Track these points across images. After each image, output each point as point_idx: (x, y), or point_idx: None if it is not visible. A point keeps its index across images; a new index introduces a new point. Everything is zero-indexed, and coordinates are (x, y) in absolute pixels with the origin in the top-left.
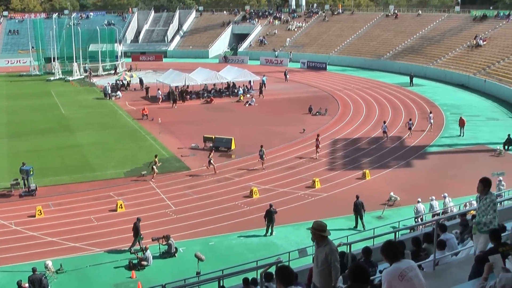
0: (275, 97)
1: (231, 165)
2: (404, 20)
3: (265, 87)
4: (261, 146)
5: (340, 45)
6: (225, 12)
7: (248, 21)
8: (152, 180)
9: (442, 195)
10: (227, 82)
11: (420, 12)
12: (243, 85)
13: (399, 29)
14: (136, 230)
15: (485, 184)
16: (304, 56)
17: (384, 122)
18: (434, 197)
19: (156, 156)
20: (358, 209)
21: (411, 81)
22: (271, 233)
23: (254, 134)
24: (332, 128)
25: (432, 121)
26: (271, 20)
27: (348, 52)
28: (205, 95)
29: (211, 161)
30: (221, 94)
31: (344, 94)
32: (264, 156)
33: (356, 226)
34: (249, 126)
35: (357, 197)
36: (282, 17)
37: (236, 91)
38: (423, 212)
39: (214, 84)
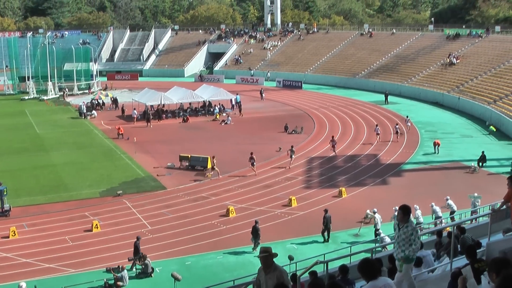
0: (251, 116)
1: (207, 184)
2: (378, 38)
3: (238, 106)
4: (292, 146)
5: (315, 64)
6: (200, 31)
7: (223, 40)
8: (289, 167)
9: (414, 206)
10: (203, 101)
11: (394, 31)
12: (219, 103)
13: (374, 47)
14: (136, 249)
15: (405, 212)
16: (279, 75)
17: (333, 137)
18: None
19: (213, 157)
20: (327, 223)
21: (386, 99)
22: (254, 250)
23: (230, 152)
24: (308, 146)
25: (409, 124)
26: (247, 39)
27: (324, 70)
28: (181, 114)
29: (214, 166)
30: (197, 113)
31: (320, 112)
32: (293, 155)
33: (327, 240)
34: (225, 144)
35: (326, 211)
36: (258, 36)
37: (212, 110)
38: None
39: (190, 103)
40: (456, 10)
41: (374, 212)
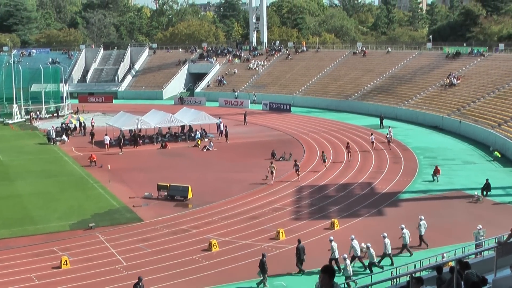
0: (235, 142)
1: (188, 216)
2: (372, 58)
3: (218, 130)
4: (323, 152)
5: (304, 85)
6: (180, 50)
7: (205, 59)
8: (272, 183)
9: (399, 227)
10: (183, 126)
11: (389, 49)
12: (201, 128)
13: (368, 67)
14: (262, 266)
15: (330, 275)
16: (266, 97)
17: (295, 162)
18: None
19: (272, 163)
20: (300, 254)
21: (381, 123)
22: (264, 286)
23: (213, 181)
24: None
25: (391, 134)
26: (231, 59)
27: (314, 92)
28: (159, 139)
29: (273, 171)
30: (176, 139)
31: (310, 137)
32: (326, 160)
33: (302, 272)
34: (207, 173)
35: (299, 241)
36: (243, 55)
37: (193, 135)
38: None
39: (169, 128)
40: (456, 27)
41: (368, 248)
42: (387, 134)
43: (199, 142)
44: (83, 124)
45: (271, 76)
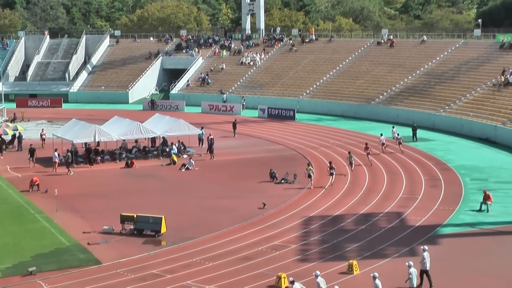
0: (223, 159)
1: (161, 256)
2: (403, 49)
3: (202, 144)
4: (349, 152)
5: (313, 85)
6: (151, 38)
7: (184, 51)
8: (311, 186)
9: (407, 264)
10: (155, 138)
11: (425, 38)
12: (178, 141)
13: (396, 61)
14: None
15: None
16: (263, 101)
17: (331, 164)
18: None
19: (309, 165)
20: None
21: (414, 134)
22: None
23: (194, 210)
24: (304, 201)
25: (397, 135)
26: (217, 51)
27: (325, 94)
28: (124, 156)
29: (312, 174)
30: (146, 155)
31: (321, 153)
32: (353, 163)
33: None
34: (186, 199)
35: (292, 282)
36: (233, 46)
37: (167, 150)
38: None
39: (137, 141)
40: None
41: (410, 266)
42: (394, 136)
43: (175, 159)
44: (18, 136)
45: (270, 73)
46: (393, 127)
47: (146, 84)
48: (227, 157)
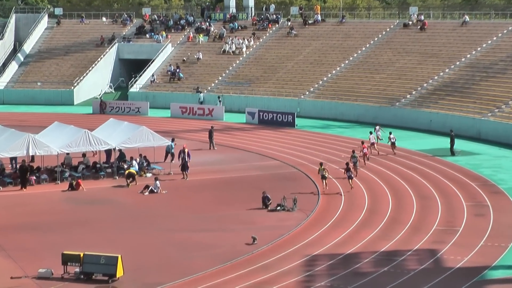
0: (199, 178)
1: None
2: (437, 33)
3: (172, 158)
4: (353, 151)
5: (319, 81)
6: (104, 19)
7: (148, 36)
8: (325, 189)
9: None
10: (109, 151)
11: (467, 18)
12: (140, 155)
13: (429, 50)
14: None
15: None
16: (253, 102)
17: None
18: None
19: (321, 164)
20: None
21: (452, 146)
22: None
23: (161, 247)
24: (307, 235)
25: (379, 133)
26: (192, 35)
27: (335, 93)
28: (67, 175)
29: (326, 175)
30: (97, 173)
31: (329, 170)
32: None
33: None
34: (151, 232)
35: None
36: (212, 29)
37: (125, 166)
38: None
39: (84, 154)
40: None
41: None
42: (377, 135)
43: (136, 179)
44: None
45: (262, 65)
46: (390, 133)
47: (97, 80)
48: (204, 176)
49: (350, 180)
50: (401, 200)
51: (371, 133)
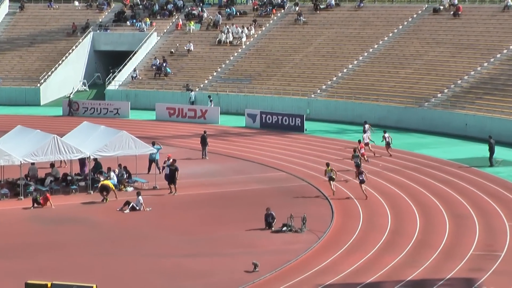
0: (190, 193)
1: None
2: (473, 19)
3: (156, 170)
4: (354, 150)
5: (332, 78)
6: (77, 3)
7: (129, 23)
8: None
9: None
10: (83, 160)
11: (510, 1)
12: (119, 165)
13: (464, 40)
14: None
15: None
16: (254, 102)
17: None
18: None
19: (328, 165)
20: None
21: (492, 154)
22: None
23: (143, 276)
24: (319, 261)
25: (368, 134)
26: (181, 22)
27: (351, 92)
28: (32, 188)
29: (334, 176)
30: (67, 187)
31: (343, 184)
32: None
33: None
34: (131, 258)
35: None
36: (206, 15)
37: (102, 179)
38: None
39: (53, 165)
40: None
41: None
42: (383, 138)
43: (116, 194)
44: None
45: (265, 58)
46: (365, 124)
47: (68, 76)
48: (196, 190)
49: (362, 185)
50: (430, 219)
51: (364, 132)
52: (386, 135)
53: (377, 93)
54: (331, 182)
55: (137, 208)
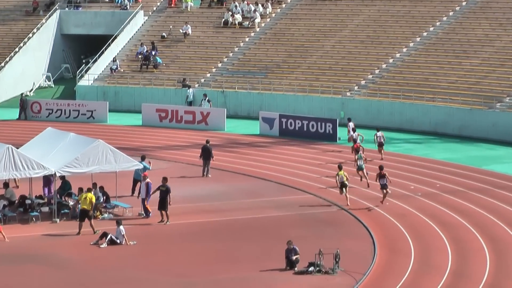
0: (186, 222)
1: None
2: None
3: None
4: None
5: (374, 70)
6: None
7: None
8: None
9: None
10: (47, 178)
11: None
12: (94, 185)
13: None
14: None
15: None
16: (271, 102)
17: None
18: None
19: (340, 167)
20: None
21: None
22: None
23: None
24: None
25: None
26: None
27: (399, 89)
28: None
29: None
30: (26, 213)
31: (389, 210)
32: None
33: None
34: None
35: None
36: None
37: (71, 203)
38: None
39: (7, 184)
40: None
41: None
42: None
43: (92, 224)
44: None
45: (285, 45)
46: (350, 120)
47: (27, 68)
48: (194, 218)
49: (385, 191)
50: (504, 258)
51: (351, 131)
52: (379, 133)
53: (433, 90)
54: (344, 189)
55: (118, 241)
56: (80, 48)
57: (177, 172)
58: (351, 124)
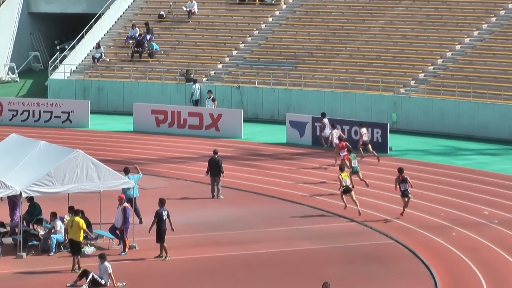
0: (189, 257)
1: None
2: None
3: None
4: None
5: (436, 61)
6: None
7: None
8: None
9: None
10: (12, 200)
11: None
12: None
13: None
14: None
15: None
16: (300, 102)
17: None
18: None
19: (342, 169)
20: None
21: None
22: None
23: None
24: None
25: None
26: None
27: (468, 84)
28: None
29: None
30: None
31: (455, 242)
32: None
33: None
34: None
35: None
36: None
37: (43, 231)
38: None
39: None
40: None
41: None
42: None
43: (76, 264)
44: None
45: (319, 27)
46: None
47: None
48: (201, 252)
49: (406, 199)
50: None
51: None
52: (363, 130)
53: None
54: (350, 193)
55: (102, 282)
56: (54, 31)
57: (178, 193)
58: (326, 121)
